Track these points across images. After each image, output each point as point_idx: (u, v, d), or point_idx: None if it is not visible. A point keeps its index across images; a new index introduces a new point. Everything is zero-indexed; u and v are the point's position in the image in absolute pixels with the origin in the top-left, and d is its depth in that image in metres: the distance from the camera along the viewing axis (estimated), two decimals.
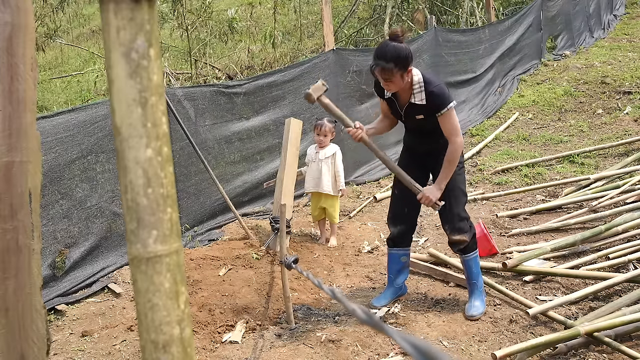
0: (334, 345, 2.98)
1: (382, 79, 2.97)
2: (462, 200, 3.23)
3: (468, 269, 3.30)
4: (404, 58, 2.89)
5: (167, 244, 0.79)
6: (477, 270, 3.30)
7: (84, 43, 13.70)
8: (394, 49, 2.88)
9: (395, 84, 2.98)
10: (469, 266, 3.29)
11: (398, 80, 2.95)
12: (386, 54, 2.88)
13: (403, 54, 2.89)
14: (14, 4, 1.23)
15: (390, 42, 2.92)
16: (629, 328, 2.83)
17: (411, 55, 2.95)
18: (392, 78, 2.93)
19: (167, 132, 0.79)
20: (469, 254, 3.27)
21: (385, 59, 2.88)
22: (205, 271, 3.86)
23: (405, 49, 2.91)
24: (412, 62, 2.96)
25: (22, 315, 1.25)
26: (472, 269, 3.29)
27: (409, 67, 2.94)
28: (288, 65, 6.93)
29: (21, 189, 1.25)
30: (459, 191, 3.21)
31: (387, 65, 2.88)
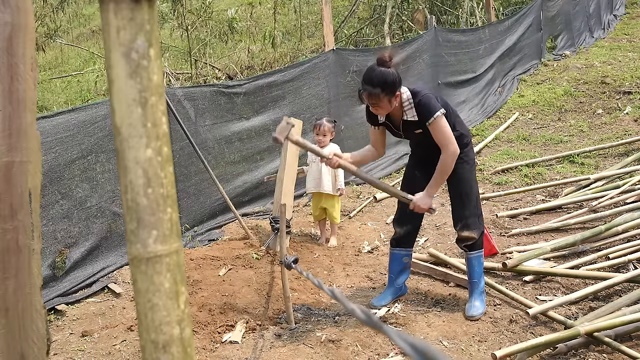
0: (334, 345, 2.98)
1: (370, 103, 2.99)
2: (474, 197, 3.24)
3: (471, 267, 3.30)
4: (390, 83, 2.89)
5: (167, 244, 0.79)
6: (479, 270, 3.31)
7: (84, 43, 13.70)
8: (380, 74, 2.89)
9: (383, 108, 2.99)
10: (472, 264, 3.30)
11: (386, 104, 2.96)
12: (373, 80, 2.89)
13: (390, 80, 2.89)
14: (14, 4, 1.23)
15: (378, 67, 2.93)
16: (629, 328, 2.82)
17: (399, 80, 2.95)
18: (380, 103, 2.94)
19: (167, 132, 0.79)
20: (474, 252, 3.28)
21: (372, 85, 2.89)
22: (205, 271, 3.86)
23: (392, 74, 2.91)
24: (399, 86, 2.96)
25: (22, 315, 1.25)
26: (475, 268, 3.30)
27: (396, 92, 2.94)
28: (288, 65, 6.93)
29: (21, 189, 1.25)
30: (470, 188, 3.21)
31: (373, 91, 2.89)
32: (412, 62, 7.06)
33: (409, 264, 3.52)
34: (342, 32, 11.41)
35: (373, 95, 2.91)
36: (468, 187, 3.21)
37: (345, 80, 6.03)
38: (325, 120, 4.44)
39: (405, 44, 7.13)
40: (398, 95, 2.97)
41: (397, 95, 2.96)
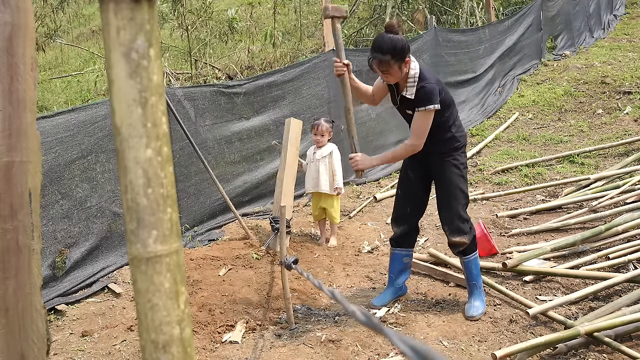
0: (334, 345, 2.98)
1: (380, 71, 2.99)
2: (462, 201, 3.20)
3: (468, 270, 3.30)
4: (400, 49, 2.90)
5: (167, 244, 0.79)
6: (477, 272, 3.30)
7: (84, 43, 13.70)
8: (390, 40, 2.90)
9: (393, 75, 2.99)
10: (468, 267, 3.29)
11: (396, 71, 2.96)
12: (382, 47, 2.90)
13: (399, 46, 2.90)
14: (14, 4, 1.23)
15: (386, 34, 2.94)
16: (629, 328, 2.82)
17: (408, 46, 2.95)
18: (390, 70, 2.95)
19: (167, 132, 0.79)
20: (468, 256, 3.26)
21: (382, 52, 2.90)
22: (205, 271, 3.86)
23: (401, 41, 2.92)
24: (409, 52, 2.96)
25: (22, 315, 1.25)
26: (472, 271, 3.29)
27: (406, 57, 2.94)
28: (288, 65, 6.93)
29: (21, 189, 1.25)
30: (459, 192, 3.19)
31: (383, 58, 2.90)
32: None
33: (410, 264, 3.52)
34: (342, 32, 11.40)
35: (383, 62, 2.91)
36: (456, 191, 3.17)
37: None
38: (323, 121, 4.46)
39: None
40: (408, 61, 2.97)
41: (407, 62, 2.96)
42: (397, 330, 3.17)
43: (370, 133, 6.37)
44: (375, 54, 2.92)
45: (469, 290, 3.34)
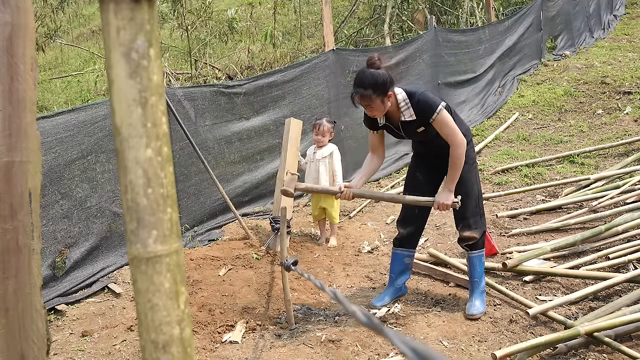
0: (334, 345, 2.98)
1: (363, 106, 3.00)
2: (474, 196, 3.23)
3: (472, 266, 3.31)
4: (381, 84, 2.90)
5: (167, 244, 0.79)
6: (481, 270, 3.31)
7: (84, 43, 13.70)
8: (371, 75, 2.90)
9: (377, 109, 3.00)
10: (473, 264, 3.30)
11: (379, 105, 2.97)
12: (364, 81, 2.91)
13: (380, 80, 2.89)
14: (14, 4, 1.23)
15: (368, 69, 2.94)
16: (629, 328, 2.82)
17: (390, 79, 2.94)
18: (372, 104, 2.95)
19: (167, 132, 0.79)
20: (475, 251, 3.28)
21: (364, 86, 2.91)
22: (205, 271, 3.86)
23: (383, 75, 2.92)
24: (391, 86, 2.95)
25: (22, 315, 1.25)
26: (477, 267, 3.30)
27: (388, 92, 2.94)
28: (288, 65, 6.93)
29: (21, 189, 1.25)
30: (470, 188, 3.21)
31: (365, 93, 2.90)
32: (412, 62, 7.06)
33: (411, 264, 3.53)
34: (342, 32, 11.41)
35: (365, 97, 2.92)
36: (468, 187, 3.20)
37: (345, 80, 6.03)
38: (325, 121, 4.46)
39: (405, 44, 7.13)
40: (391, 95, 2.97)
41: (389, 96, 2.96)
42: (397, 331, 3.17)
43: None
44: (357, 89, 2.93)
45: (470, 288, 3.35)
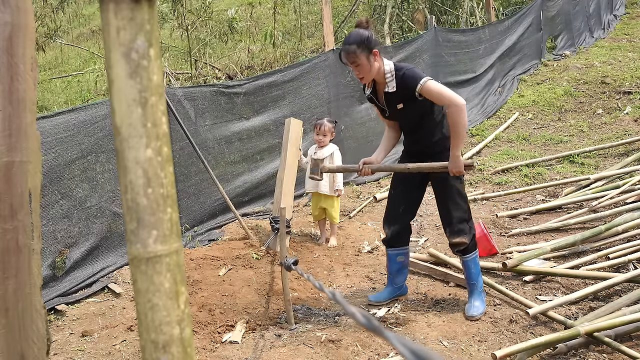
0: (334, 345, 2.98)
1: (350, 63, 3.03)
2: (461, 202, 3.22)
3: (468, 269, 3.31)
4: (365, 39, 2.97)
5: (167, 244, 0.79)
6: (476, 271, 3.31)
7: (84, 43, 13.70)
8: (356, 33, 3.00)
9: (363, 67, 3.00)
10: (468, 267, 3.30)
11: (364, 62, 2.99)
12: (349, 38, 3.01)
13: (365, 36, 2.98)
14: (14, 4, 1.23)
15: (355, 29, 3.05)
16: (629, 328, 2.82)
17: (373, 38, 3.01)
18: (358, 61, 2.98)
19: (167, 132, 0.79)
20: (468, 255, 3.27)
21: (349, 42, 2.99)
22: (205, 271, 3.86)
23: (367, 32, 3.00)
24: (375, 45, 3.01)
25: (22, 315, 1.25)
26: (472, 270, 3.30)
27: (372, 49, 2.98)
28: (288, 65, 6.93)
29: (21, 189, 1.25)
30: (455, 192, 3.19)
31: (350, 48, 2.98)
32: (412, 62, 7.05)
33: (406, 263, 3.51)
34: (342, 32, 11.40)
35: (350, 54, 2.97)
36: (454, 192, 3.19)
37: (345, 80, 6.03)
38: (326, 121, 4.44)
39: (405, 44, 7.13)
40: (376, 53, 3.00)
41: (374, 54, 2.99)
42: (397, 331, 3.17)
43: (370, 133, 6.37)
44: (344, 46, 3.02)
45: (468, 290, 3.35)
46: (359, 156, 6.20)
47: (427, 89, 2.97)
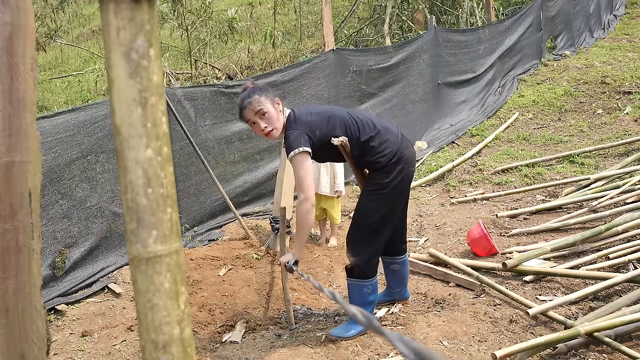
0: (334, 345, 2.98)
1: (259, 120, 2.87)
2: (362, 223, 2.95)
3: (349, 292, 3.08)
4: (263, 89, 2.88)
5: (167, 244, 0.79)
6: (357, 299, 3.01)
7: (84, 43, 13.70)
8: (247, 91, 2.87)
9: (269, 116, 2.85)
10: (349, 290, 3.07)
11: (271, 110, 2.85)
12: (242, 98, 2.88)
13: (257, 87, 2.88)
14: (14, 4, 1.23)
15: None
16: (629, 328, 2.82)
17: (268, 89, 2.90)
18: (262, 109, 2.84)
19: (167, 132, 0.79)
20: (350, 278, 3.04)
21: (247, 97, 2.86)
22: (205, 271, 3.86)
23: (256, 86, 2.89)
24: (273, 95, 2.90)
25: (22, 315, 1.25)
26: (352, 295, 3.05)
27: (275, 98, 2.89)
28: (288, 65, 6.93)
29: (21, 189, 1.25)
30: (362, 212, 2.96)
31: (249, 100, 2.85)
32: (412, 62, 7.06)
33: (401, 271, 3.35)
34: (342, 32, 11.41)
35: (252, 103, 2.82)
36: (358, 212, 2.97)
37: (345, 80, 6.03)
38: None
39: (405, 44, 7.13)
40: (278, 102, 2.89)
41: (276, 102, 2.88)
42: (397, 331, 3.17)
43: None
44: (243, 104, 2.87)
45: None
46: None
47: (293, 164, 2.77)
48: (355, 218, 3.01)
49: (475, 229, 4.12)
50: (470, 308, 3.34)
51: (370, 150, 2.88)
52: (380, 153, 2.88)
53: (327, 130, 2.85)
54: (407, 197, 3.10)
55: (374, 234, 2.96)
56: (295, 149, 2.74)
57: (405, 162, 2.92)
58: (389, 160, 2.88)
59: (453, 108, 7.98)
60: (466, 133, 7.60)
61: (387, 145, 2.89)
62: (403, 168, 2.91)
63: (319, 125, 2.85)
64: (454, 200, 5.41)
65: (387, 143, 2.90)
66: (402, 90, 6.94)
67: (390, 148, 2.89)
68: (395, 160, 2.89)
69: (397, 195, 2.96)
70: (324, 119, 2.87)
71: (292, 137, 2.78)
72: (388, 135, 2.92)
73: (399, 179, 2.91)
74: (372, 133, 2.90)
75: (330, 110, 2.98)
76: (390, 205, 2.95)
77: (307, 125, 2.82)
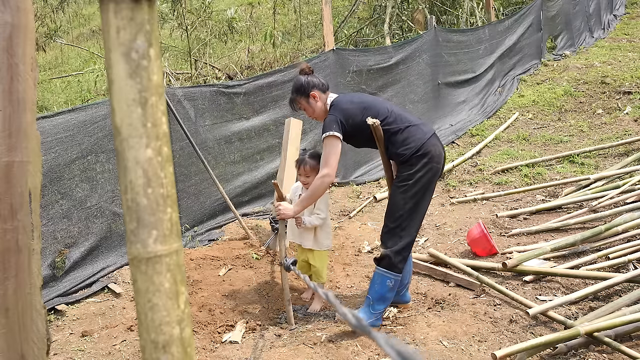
0: (334, 345, 2.98)
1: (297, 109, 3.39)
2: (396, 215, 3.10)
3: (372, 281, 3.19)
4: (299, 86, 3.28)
5: (167, 244, 0.79)
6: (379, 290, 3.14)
7: (84, 43, 13.70)
8: (296, 81, 3.32)
9: (307, 110, 3.32)
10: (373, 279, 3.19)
11: (306, 106, 3.30)
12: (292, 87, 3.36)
13: (298, 84, 3.29)
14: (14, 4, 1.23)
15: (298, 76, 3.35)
16: (629, 328, 2.83)
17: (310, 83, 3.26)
18: (300, 105, 3.33)
19: (167, 132, 0.79)
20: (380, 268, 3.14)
21: (291, 92, 3.35)
22: (205, 271, 3.86)
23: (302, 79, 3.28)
24: (312, 88, 3.25)
25: (22, 315, 1.25)
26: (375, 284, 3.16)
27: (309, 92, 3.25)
28: (288, 65, 6.93)
29: (21, 189, 1.25)
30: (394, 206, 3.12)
31: (291, 96, 3.35)
32: (412, 62, 7.06)
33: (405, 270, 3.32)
34: (342, 32, 11.41)
35: (292, 100, 3.34)
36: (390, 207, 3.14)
37: (345, 80, 6.03)
38: (308, 157, 3.39)
39: (405, 44, 7.13)
40: (314, 95, 3.25)
41: (312, 96, 3.25)
42: (397, 330, 3.17)
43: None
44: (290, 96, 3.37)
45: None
46: (360, 157, 6.23)
47: (324, 143, 3.12)
48: (387, 211, 3.20)
49: (475, 229, 4.12)
50: (470, 308, 3.34)
51: (396, 142, 3.10)
52: (404, 145, 3.08)
53: (360, 119, 3.10)
54: (432, 193, 3.21)
55: (404, 226, 3.14)
56: (327, 132, 3.09)
57: (430, 157, 3.09)
58: (413, 153, 3.07)
59: (453, 108, 7.98)
60: (466, 133, 7.60)
61: (412, 140, 3.10)
62: (427, 162, 3.08)
63: (354, 113, 3.14)
64: (454, 200, 5.41)
65: (412, 138, 3.10)
66: (402, 90, 6.94)
67: (414, 142, 3.09)
68: (419, 154, 3.07)
69: (422, 189, 3.11)
70: (360, 108, 3.16)
71: (327, 122, 3.14)
72: (416, 132, 3.12)
73: (423, 172, 3.08)
74: (401, 126, 3.12)
75: (370, 101, 3.25)
76: (416, 197, 3.10)
77: (343, 113, 3.14)
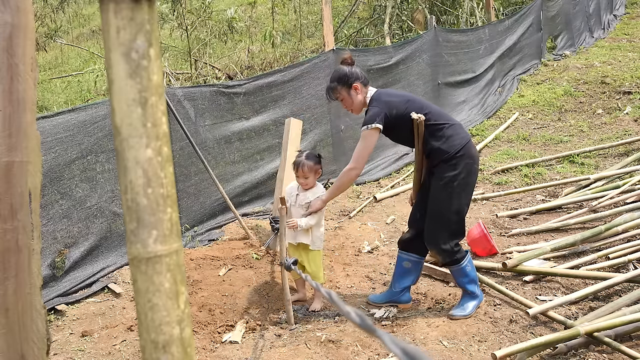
0: (334, 345, 2.98)
1: (335, 99, 3.30)
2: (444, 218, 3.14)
3: (455, 278, 3.35)
4: (344, 76, 3.22)
5: (167, 244, 0.79)
6: (466, 280, 3.27)
7: (84, 43, 13.70)
8: (338, 70, 3.28)
9: (346, 101, 3.27)
10: (455, 277, 3.34)
11: (346, 97, 3.25)
12: (332, 76, 3.31)
13: (342, 73, 3.23)
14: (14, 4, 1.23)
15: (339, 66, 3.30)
16: (629, 328, 2.83)
17: (354, 74, 3.22)
18: (339, 95, 3.26)
19: (167, 132, 0.79)
20: (453, 266, 3.28)
21: (331, 80, 3.30)
22: (205, 271, 3.86)
23: (346, 69, 3.23)
24: (355, 79, 3.21)
25: (22, 315, 1.25)
26: (458, 279, 3.31)
27: (352, 84, 3.21)
28: (288, 65, 6.93)
29: (21, 189, 1.25)
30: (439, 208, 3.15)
31: (331, 85, 3.28)
32: (412, 62, 7.06)
33: (413, 270, 3.40)
34: (342, 32, 11.41)
35: (332, 89, 3.26)
36: (436, 206, 3.15)
37: None
38: (305, 158, 3.33)
39: (405, 44, 7.13)
40: (356, 87, 3.21)
41: (354, 87, 3.21)
42: (397, 330, 3.17)
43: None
44: (329, 84, 3.31)
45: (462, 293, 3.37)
46: None
47: (362, 136, 3.12)
48: (430, 214, 3.18)
49: (475, 229, 4.12)
50: None
51: (441, 138, 3.10)
52: (449, 143, 3.09)
53: (404, 111, 3.10)
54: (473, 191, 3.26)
55: (451, 223, 3.16)
56: (369, 124, 3.08)
57: (471, 158, 3.13)
58: (456, 152, 3.08)
59: (453, 108, 7.98)
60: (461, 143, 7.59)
61: (457, 138, 3.12)
62: (469, 163, 3.11)
63: (397, 105, 3.13)
64: None
65: (457, 135, 3.12)
66: (401, 90, 6.94)
67: (459, 141, 3.11)
68: (462, 153, 3.09)
69: (466, 189, 3.15)
70: (403, 101, 3.16)
71: (371, 113, 3.13)
72: (460, 131, 3.17)
73: (465, 173, 3.11)
74: (447, 122, 3.15)
75: (411, 96, 3.28)
76: (460, 197, 3.13)
77: (386, 105, 3.13)
